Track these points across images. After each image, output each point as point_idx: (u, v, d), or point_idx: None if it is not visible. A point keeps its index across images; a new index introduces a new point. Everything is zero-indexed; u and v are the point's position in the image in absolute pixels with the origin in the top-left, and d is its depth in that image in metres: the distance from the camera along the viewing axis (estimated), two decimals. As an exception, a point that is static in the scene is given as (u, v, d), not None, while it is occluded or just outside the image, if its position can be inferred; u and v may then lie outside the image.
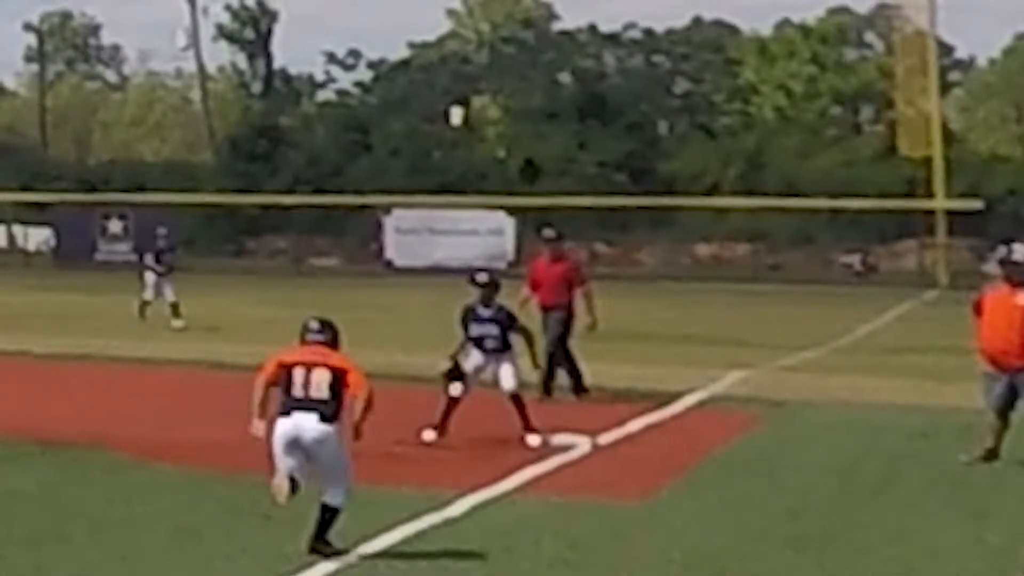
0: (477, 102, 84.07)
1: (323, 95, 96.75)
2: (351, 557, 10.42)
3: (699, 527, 11.72)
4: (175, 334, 27.93)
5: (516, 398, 15.68)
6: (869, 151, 67.80)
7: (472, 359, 15.79)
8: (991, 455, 14.63)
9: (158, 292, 30.15)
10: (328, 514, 10.54)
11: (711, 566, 10.50)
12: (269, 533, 11.18)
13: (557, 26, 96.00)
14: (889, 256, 59.82)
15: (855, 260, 59.49)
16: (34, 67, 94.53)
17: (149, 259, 30.80)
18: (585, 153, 68.34)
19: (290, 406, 10.69)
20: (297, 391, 10.69)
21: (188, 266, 39.06)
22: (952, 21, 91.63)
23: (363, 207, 60.07)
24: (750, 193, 57.89)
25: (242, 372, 20.75)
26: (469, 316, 15.90)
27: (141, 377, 21.21)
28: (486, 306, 15.89)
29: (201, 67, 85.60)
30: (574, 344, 19.45)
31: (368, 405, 10.71)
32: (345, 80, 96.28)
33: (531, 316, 18.36)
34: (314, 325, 11.12)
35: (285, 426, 10.65)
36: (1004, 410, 14.63)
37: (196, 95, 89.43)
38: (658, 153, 71.56)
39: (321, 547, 10.50)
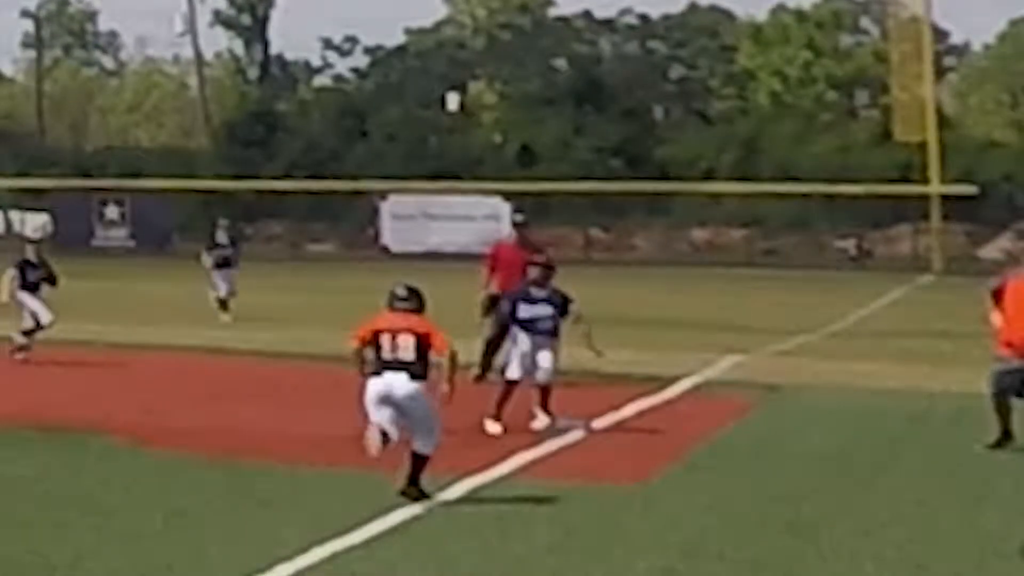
0: (473, 88, 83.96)
1: (319, 81, 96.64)
2: (347, 540, 10.43)
3: (695, 511, 11.73)
4: (174, 322, 27.69)
5: (545, 388, 15.54)
6: (864, 136, 67.71)
7: (520, 345, 15.37)
8: (1006, 437, 14.49)
9: (221, 283, 28.61)
10: (419, 461, 11.50)
11: (708, 550, 10.51)
12: (266, 518, 11.21)
13: (553, 12, 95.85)
14: (884, 241, 59.83)
15: (850, 245, 59.49)
16: (31, 53, 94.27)
17: (205, 252, 29.33)
18: (581, 139, 68.29)
19: (381, 367, 11.62)
20: (386, 354, 11.58)
21: (184, 252, 38.98)
22: (947, 7, 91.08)
23: (359, 193, 60.09)
24: (745, 178, 57.89)
25: (239, 357, 20.87)
26: (519, 297, 15.54)
27: (138, 362, 21.21)
28: (540, 287, 15.64)
29: (198, 53, 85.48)
30: None
31: (453, 362, 11.67)
32: (342, 66, 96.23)
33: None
34: (401, 292, 11.91)
35: (377, 385, 11.61)
36: (1006, 395, 14.54)
37: (193, 81, 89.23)
38: (654, 139, 71.46)
39: (410, 491, 11.48)
